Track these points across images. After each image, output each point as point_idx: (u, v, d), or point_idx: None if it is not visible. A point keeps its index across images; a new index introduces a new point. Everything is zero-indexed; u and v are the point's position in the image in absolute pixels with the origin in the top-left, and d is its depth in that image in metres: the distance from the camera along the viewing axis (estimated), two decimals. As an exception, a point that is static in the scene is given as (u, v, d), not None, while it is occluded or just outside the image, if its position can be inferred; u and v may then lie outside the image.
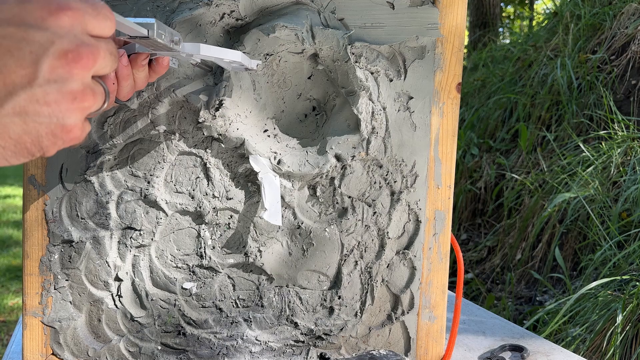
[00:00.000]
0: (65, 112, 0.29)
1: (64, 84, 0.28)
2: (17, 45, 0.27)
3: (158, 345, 0.60)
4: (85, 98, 0.30)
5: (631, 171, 1.75)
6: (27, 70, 0.27)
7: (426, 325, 0.64)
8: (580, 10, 2.55)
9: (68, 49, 0.28)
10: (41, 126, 0.28)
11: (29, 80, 0.27)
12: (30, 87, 0.27)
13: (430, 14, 0.59)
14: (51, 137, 0.29)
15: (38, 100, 0.28)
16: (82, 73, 0.29)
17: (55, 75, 0.28)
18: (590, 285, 1.40)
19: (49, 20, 0.28)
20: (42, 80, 0.27)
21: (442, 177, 0.62)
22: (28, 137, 0.28)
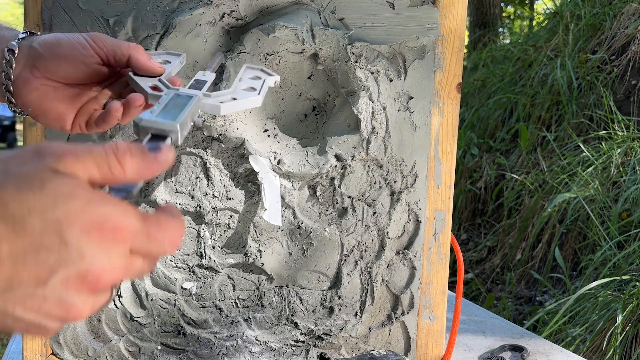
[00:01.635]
0: (50, 320, 0.27)
1: (66, 298, 0.26)
2: (50, 246, 0.25)
3: (158, 345, 0.60)
4: (80, 314, 0.27)
5: (631, 171, 1.75)
6: (40, 274, 0.25)
7: (426, 325, 0.64)
8: (580, 10, 2.55)
9: (90, 271, 0.26)
10: (19, 322, 0.26)
11: (36, 283, 0.25)
12: (33, 289, 0.25)
13: (430, 14, 0.59)
14: (23, 331, 0.27)
15: (33, 303, 0.26)
16: (89, 296, 0.27)
17: (63, 289, 0.26)
18: (590, 285, 1.40)
19: (94, 234, 0.26)
20: (48, 289, 0.26)
21: (442, 177, 0.62)
22: (17, 326, 0.26)
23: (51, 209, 0.25)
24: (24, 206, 0.25)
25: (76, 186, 0.26)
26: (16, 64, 0.43)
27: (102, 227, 0.26)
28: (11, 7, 11.26)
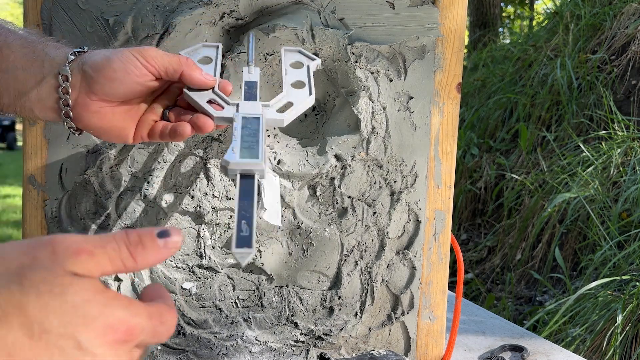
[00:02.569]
0: None
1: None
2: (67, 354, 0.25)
3: (158, 345, 0.60)
4: None
5: (631, 171, 1.75)
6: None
7: (426, 326, 0.64)
8: (580, 10, 2.55)
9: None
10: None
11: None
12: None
13: (430, 14, 0.59)
14: None
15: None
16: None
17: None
18: (590, 285, 1.40)
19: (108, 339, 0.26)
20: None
21: (442, 177, 0.62)
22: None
23: (71, 314, 0.25)
24: (44, 311, 0.25)
25: (94, 291, 0.27)
26: (72, 90, 0.44)
27: (117, 330, 0.27)
28: (11, 7, 11.27)
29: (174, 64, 0.45)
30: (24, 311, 0.25)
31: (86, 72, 0.44)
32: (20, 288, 0.25)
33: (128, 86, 0.44)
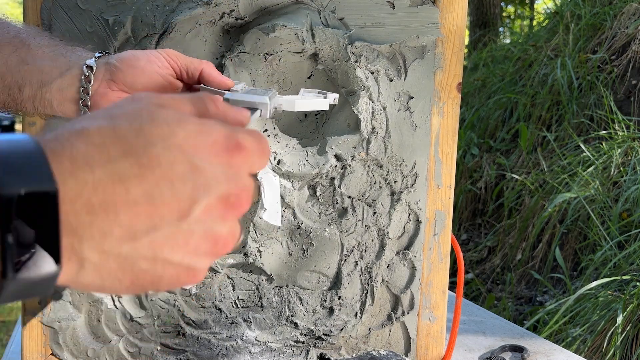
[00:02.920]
0: (200, 256, 0.25)
1: (212, 227, 0.25)
2: (182, 176, 0.24)
3: (157, 345, 0.60)
4: (227, 244, 0.26)
5: (631, 171, 1.75)
6: (181, 206, 0.24)
7: (426, 326, 0.63)
8: (580, 10, 2.55)
9: (231, 192, 0.25)
10: (170, 266, 0.24)
11: (179, 217, 0.24)
12: (177, 223, 0.24)
13: (430, 14, 0.59)
14: (173, 280, 0.25)
15: (180, 239, 0.24)
16: (234, 219, 0.26)
17: (208, 217, 0.25)
18: (591, 285, 1.40)
19: (223, 156, 0.25)
20: (192, 220, 0.24)
21: (443, 177, 0.62)
22: (150, 276, 0.24)
23: (170, 136, 0.24)
24: (142, 139, 0.23)
25: (184, 114, 0.26)
26: (94, 80, 0.45)
27: (227, 146, 0.25)
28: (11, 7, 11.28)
29: (194, 63, 0.47)
30: (126, 142, 0.23)
31: (110, 63, 0.46)
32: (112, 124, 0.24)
33: (149, 76, 0.45)
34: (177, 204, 0.24)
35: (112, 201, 0.22)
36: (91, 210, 0.22)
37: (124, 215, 0.23)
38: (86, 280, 0.24)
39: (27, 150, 0.22)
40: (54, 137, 0.23)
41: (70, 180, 0.22)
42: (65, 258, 0.22)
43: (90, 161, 0.22)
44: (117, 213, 0.23)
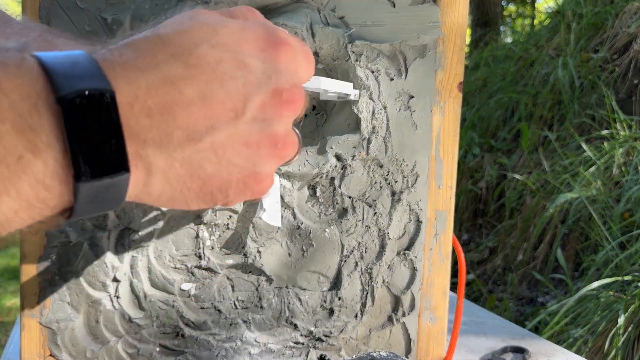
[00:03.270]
0: (263, 158, 0.25)
1: (269, 125, 0.25)
2: (232, 73, 0.24)
3: (156, 346, 0.59)
4: (287, 145, 0.26)
5: (633, 171, 1.74)
6: (235, 104, 0.24)
7: (427, 327, 0.63)
8: (582, 9, 2.54)
9: (283, 87, 0.25)
10: (235, 169, 0.25)
11: (235, 115, 0.24)
12: (235, 122, 0.24)
13: (431, 13, 0.58)
14: (241, 185, 0.25)
15: (239, 138, 0.24)
16: (290, 116, 0.26)
17: (264, 114, 0.25)
18: (592, 285, 1.39)
19: (269, 51, 0.25)
20: (248, 117, 0.24)
21: (444, 177, 0.61)
22: (217, 181, 0.24)
23: (214, 36, 0.24)
24: (187, 40, 0.24)
25: (223, 17, 0.26)
26: None
27: (271, 41, 0.25)
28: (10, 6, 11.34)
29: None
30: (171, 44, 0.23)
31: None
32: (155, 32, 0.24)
33: None
34: (231, 102, 0.24)
35: (167, 103, 0.22)
36: (149, 113, 0.22)
37: (181, 117, 0.23)
38: (156, 190, 0.24)
39: (79, 58, 0.22)
40: (102, 49, 0.23)
41: (124, 84, 0.22)
42: (132, 165, 0.22)
43: (140, 66, 0.22)
44: (174, 115, 0.23)
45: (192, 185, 0.24)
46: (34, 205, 0.20)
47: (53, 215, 0.22)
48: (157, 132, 0.22)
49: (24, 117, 0.20)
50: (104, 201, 0.22)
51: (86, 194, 0.21)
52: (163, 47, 0.23)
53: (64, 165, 0.20)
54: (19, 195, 0.20)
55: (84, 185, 0.21)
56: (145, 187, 0.23)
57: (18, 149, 0.19)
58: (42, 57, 0.21)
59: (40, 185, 0.20)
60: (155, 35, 0.24)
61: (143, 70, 0.22)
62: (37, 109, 0.20)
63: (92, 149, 0.21)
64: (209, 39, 0.24)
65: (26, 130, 0.20)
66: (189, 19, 0.25)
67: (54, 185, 0.20)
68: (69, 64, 0.21)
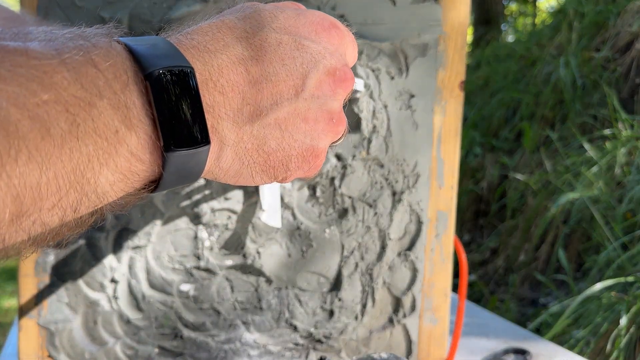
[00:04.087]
0: (320, 133, 0.27)
1: (325, 102, 0.27)
2: (291, 54, 0.26)
3: (155, 348, 0.59)
4: (341, 121, 0.28)
5: (635, 171, 1.73)
6: (295, 82, 0.26)
7: (428, 328, 0.63)
8: (583, 8, 2.53)
9: (336, 66, 0.28)
10: (295, 143, 0.27)
11: (295, 92, 0.26)
12: (295, 99, 0.26)
13: (432, 11, 0.58)
14: (300, 160, 0.27)
15: (299, 114, 0.26)
16: (343, 94, 0.28)
17: (320, 92, 0.27)
18: (594, 287, 1.39)
19: (322, 34, 0.28)
20: (307, 94, 0.26)
21: (445, 177, 0.61)
22: (280, 155, 0.26)
23: (273, 20, 0.26)
24: (249, 24, 0.26)
25: (278, 5, 0.28)
26: None
27: (324, 25, 0.28)
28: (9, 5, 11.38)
29: None
30: (236, 28, 0.26)
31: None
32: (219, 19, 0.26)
33: None
34: (292, 80, 0.26)
35: (237, 81, 0.25)
36: (222, 90, 0.24)
37: (249, 94, 0.25)
38: (226, 163, 0.25)
39: (157, 41, 0.24)
40: (173, 34, 0.26)
41: (198, 64, 0.24)
42: (210, 138, 0.24)
43: (210, 48, 0.25)
44: (243, 92, 0.25)
45: (258, 159, 0.26)
46: (127, 177, 0.22)
47: (141, 188, 0.24)
48: (229, 107, 0.24)
49: (117, 94, 0.21)
50: (187, 173, 0.24)
51: (173, 164, 0.23)
52: (229, 31, 0.25)
53: (154, 138, 0.22)
54: (117, 167, 0.21)
55: (172, 155, 0.22)
56: (217, 160, 0.25)
57: (115, 124, 0.21)
58: (126, 41, 0.23)
59: (133, 157, 0.22)
60: (220, 21, 0.26)
61: (214, 51, 0.25)
62: (128, 87, 0.22)
63: (178, 122, 0.22)
64: (270, 23, 0.26)
65: (121, 106, 0.21)
66: (249, 7, 0.27)
67: (145, 156, 0.22)
68: (150, 46, 0.23)
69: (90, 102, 0.20)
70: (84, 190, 0.21)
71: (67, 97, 0.20)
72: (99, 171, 0.21)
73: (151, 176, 0.23)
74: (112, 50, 0.22)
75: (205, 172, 0.25)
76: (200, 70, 0.24)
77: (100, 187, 0.21)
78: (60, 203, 0.20)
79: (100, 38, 0.22)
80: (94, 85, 0.20)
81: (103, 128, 0.20)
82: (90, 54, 0.21)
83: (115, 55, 0.22)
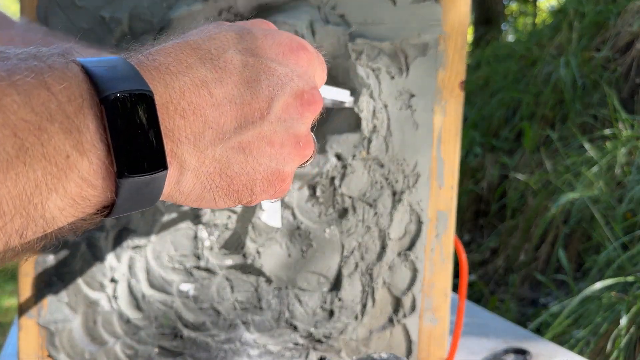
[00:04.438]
0: (286, 157, 0.27)
1: (292, 125, 0.27)
2: (257, 76, 0.25)
3: (155, 347, 0.59)
4: (308, 145, 0.28)
5: (635, 171, 1.73)
6: (261, 105, 0.25)
7: (428, 328, 0.62)
8: (584, 8, 2.53)
9: (304, 89, 0.27)
10: (260, 167, 0.26)
11: (261, 116, 0.25)
12: (260, 122, 0.25)
13: (432, 11, 0.58)
14: (265, 184, 0.26)
15: (265, 138, 0.26)
16: (311, 117, 0.28)
17: (287, 115, 0.26)
18: (594, 287, 1.39)
19: (290, 56, 0.27)
20: (273, 117, 0.26)
21: (445, 176, 0.61)
22: (244, 179, 0.26)
23: (239, 41, 0.26)
24: (214, 46, 0.25)
25: (245, 26, 0.27)
26: None
27: (292, 46, 0.27)
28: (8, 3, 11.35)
29: None
30: (200, 49, 0.25)
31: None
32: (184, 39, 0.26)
33: None
34: (257, 103, 0.25)
35: (199, 104, 0.24)
36: (183, 114, 0.24)
37: (212, 117, 0.24)
38: (187, 187, 0.25)
39: (117, 63, 0.23)
40: (134, 55, 0.25)
41: (159, 86, 0.23)
42: (168, 162, 0.23)
43: (172, 70, 0.24)
44: (205, 115, 0.24)
45: (221, 183, 0.25)
46: (78, 202, 0.21)
47: (93, 213, 0.23)
48: (190, 131, 0.24)
49: (71, 118, 0.21)
50: (142, 198, 0.23)
51: (127, 190, 0.22)
52: (192, 52, 0.25)
53: (107, 163, 0.21)
54: (66, 192, 0.21)
55: (125, 181, 0.22)
56: (177, 184, 0.24)
57: (66, 148, 0.20)
58: (83, 62, 0.22)
59: (85, 182, 0.21)
60: (184, 42, 0.25)
61: (176, 73, 0.24)
62: (82, 110, 0.21)
63: (133, 147, 0.22)
64: (235, 45, 0.26)
65: (73, 130, 0.21)
66: (215, 27, 0.27)
67: (97, 182, 0.21)
68: (108, 68, 0.22)
69: (41, 126, 0.20)
70: (31, 215, 0.20)
71: (16, 120, 0.19)
72: (47, 197, 0.20)
73: (104, 202, 0.22)
74: (67, 72, 0.21)
75: (165, 196, 0.25)
76: (161, 93, 0.23)
77: (49, 213, 0.20)
78: (5, 228, 0.19)
79: (57, 59, 0.22)
80: (46, 109, 0.20)
81: (53, 153, 0.20)
82: (43, 76, 0.20)
83: (71, 77, 0.21)
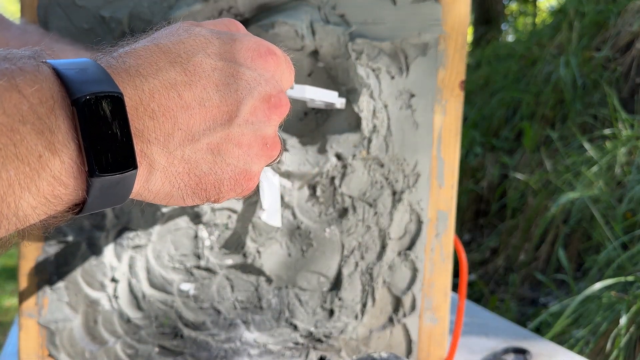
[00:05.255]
0: (254, 157, 0.28)
1: (259, 128, 0.27)
2: (225, 80, 0.26)
3: (155, 347, 0.59)
4: (275, 146, 0.29)
5: (635, 170, 1.73)
6: (229, 108, 0.26)
7: (428, 328, 0.63)
8: (584, 8, 2.53)
9: (271, 93, 0.28)
10: (228, 167, 0.27)
11: (229, 118, 0.26)
12: (229, 125, 0.26)
13: (432, 10, 0.58)
14: (232, 183, 0.28)
15: (232, 139, 0.27)
16: (278, 120, 0.29)
17: (254, 118, 0.27)
18: (594, 287, 1.39)
19: (258, 60, 0.28)
20: (241, 120, 0.27)
21: (445, 176, 0.61)
22: (212, 178, 0.27)
23: (208, 46, 0.27)
24: (183, 49, 0.26)
25: (214, 29, 0.28)
26: None
27: (260, 51, 0.28)
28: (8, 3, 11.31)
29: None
30: (170, 52, 0.26)
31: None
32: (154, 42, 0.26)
33: None
34: (225, 106, 0.26)
35: (168, 106, 0.25)
36: (152, 115, 0.24)
37: (181, 119, 0.25)
38: (156, 186, 0.26)
39: (87, 65, 0.23)
40: (105, 57, 0.25)
41: (129, 88, 0.24)
42: (138, 162, 0.24)
43: (142, 72, 0.25)
44: (175, 117, 0.25)
45: (189, 182, 0.26)
46: (50, 200, 0.22)
47: (65, 211, 0.23)
48: (159, 132, 0.24)
49: (42, 119, 0.21)
50: (113, 196, 0.24)
51: (98, 188, 0.23)
52: (162, 55, 0.25)
53: (79, 163, 0.22)
54: (38, 191, 0.21)
55: (96, 180, 0.22)
56: (147, 183, 0.25)
57: (38, 149, 0.21)
58: (55, 64, 0.23)
59: (57, 181, 0.22)
60: (154, 45, 0.26)
61: (146, 76, 0.24)
62: (54, 112, 0.22)
63: (104, 147, 0.22)
64: (205, 49, 0.26)
65: (45, 131, 0.21)
66: (184, 30, 0.27)
67: (69, 181, 0.22)
68: (79, 70, 0.23)
69: (13, 128, 0.20)
70: (4, 213, 0.21)
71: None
72: (20, 195, 0.21)
73: (75, 200, 0.23)
74: (38, 75, 0.22)
75: (134, 194, 0.25)
76: (131, 95, 0.24)
77: (22, 211, 0.21)
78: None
79: (28, 61, 0.22)
80: (17, 111, 0.20)
81: (25, 153, 0.21)
82: (15, 79, 0.21)
83: (42, 80, 0.22)
